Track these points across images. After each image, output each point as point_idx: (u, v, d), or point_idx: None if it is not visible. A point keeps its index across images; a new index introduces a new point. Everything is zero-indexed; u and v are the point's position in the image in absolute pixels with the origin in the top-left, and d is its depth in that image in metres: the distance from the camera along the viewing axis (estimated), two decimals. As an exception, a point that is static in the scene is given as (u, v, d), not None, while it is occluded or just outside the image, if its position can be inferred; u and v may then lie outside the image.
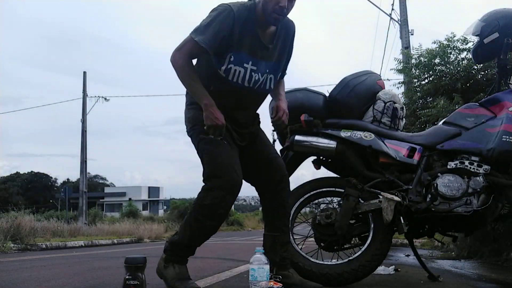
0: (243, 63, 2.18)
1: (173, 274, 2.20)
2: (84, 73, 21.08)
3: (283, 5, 2.11)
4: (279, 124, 2.32)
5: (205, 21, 2.13)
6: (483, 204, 2.41)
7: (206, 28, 2.10)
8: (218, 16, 2.11)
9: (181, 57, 2.13)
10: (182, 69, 2.14)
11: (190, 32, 2.14)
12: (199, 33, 2.10)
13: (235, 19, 2.11)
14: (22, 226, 8.63)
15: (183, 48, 2.14)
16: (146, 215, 30.31)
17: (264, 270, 1.83)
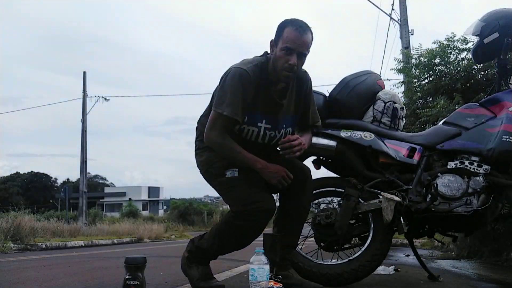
0: (257, 123, 2.19)
1: (197, 275, 2.27)
2: (84, 73, 21.11)
3: (293, 62, 2.09)
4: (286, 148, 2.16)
5: (226, 91, 2.09)
6: (483, 204, 2.41)
7: (231, 98, 2.07)
8: (238, 83, 2.09)
9: (217, 135, 2.12)
10: (223, 147, 2.13)
11: (214, 106, 2.11)
12: (226, 106, 2.08)
13: (252, 82, 2.11)
14: (22, 226, 8.63)
15: (215, 125, 2.12)
16: (146, 215, 30.31)
17: (264, 270, 1.83)
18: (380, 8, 13.21)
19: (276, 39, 2.12)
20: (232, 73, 2.11)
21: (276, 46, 2.11)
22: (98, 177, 53.67)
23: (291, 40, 2.06)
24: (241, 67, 2.11)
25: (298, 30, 2.07)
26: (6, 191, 41.30)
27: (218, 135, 2.11)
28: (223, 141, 2.11)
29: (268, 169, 2.11)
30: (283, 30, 2.09)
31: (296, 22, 2.11)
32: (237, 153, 2.11)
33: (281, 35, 2.09)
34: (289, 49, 2.07)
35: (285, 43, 2.07)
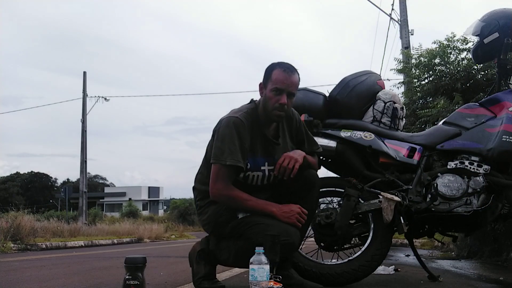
0: (260, 167, 2.21)
1: (202, 273, 2.27)
2: (84, 73, 21.12)
3: (283, 102, 2.14)
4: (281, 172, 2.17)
5: (223, 141, 2.10)
6: (483, 204, 2.41)
7: (230, 147, 2.09)
8: (233, 131, 2.11)
9: (223, 187, 2.11)
10: (231, 199, 2.13)
11: (214, 159, 2.11)
12: (227, 155, 2.08)
13: (247, 128, 2.14)
14: (22, 226, 8.63)
15: (219, 177, 2.11)
16: (146, 215, 30.35)
17: (264, 270, 1.83)
18: (380, 8, 13.23)
19: (265, 82, 2.18)
20: (225, 123, 2.14)
21: (266, 88, 2.17)
22: (98, 177, 53.69)
23: (280, 81, 2.13)
24: (233, 116, 2.16)
25: (286, 72, 2.15)
26: (6, 191, 41.29)
27: (224, 188, 2.11)
28: (230, 192, 2.11)
29: (283, 210, 2.11)
30: (271, 73, 2.16)
31: (283, 64, 2.18)
32: (247, 201, 2.12)
33: (270, 77, 2.15)
34: (278, 90, 2.13)
35: (275, 84, 2.13)
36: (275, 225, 2.08)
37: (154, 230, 15.06)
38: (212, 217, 2.22)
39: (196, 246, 2.37)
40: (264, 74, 2.20)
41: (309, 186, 2.27)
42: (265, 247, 1.88)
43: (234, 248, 2.20)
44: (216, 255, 2.28)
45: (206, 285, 2.25)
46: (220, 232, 2.24)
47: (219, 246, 2.26)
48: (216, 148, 2.13)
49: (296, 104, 2.68)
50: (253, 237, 2.06)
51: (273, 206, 2.12)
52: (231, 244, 2.21)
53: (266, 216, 2.13)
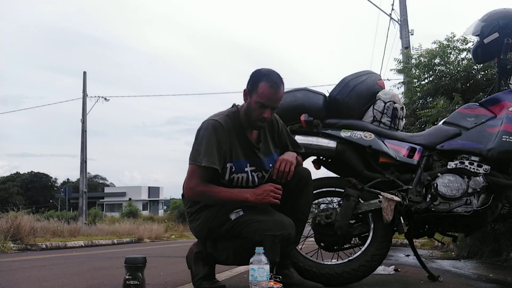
0: (243, 168, 2.23)
1: (201, 274, 2.27)
2: (84, 73, 21.12)
3: (267, 116, 2.17)
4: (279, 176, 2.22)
5: (201, 143, 2.13)
6: (483, 204, 2.42)
7: (207, 149, 2.11)
8: (212, 134, 2.13)
9: (196, 183, 2.12)
10: (205, 193, 2.14)
11: (191, 160, 2.14)
12: (203, 157, 2.10)
13: (225, 131, 2.16)
14: (22, 226, 8.63)
15: (194, 176, 2.13)
16: (146, 215, 30.34)
17: (264, 270, 1.83)
18: (380, 8, 13.21)
19: (250, 90, 2.17)
20: (205, 125, 2.17)
21: (250, 97, 2.17)
22: (98, 177, 53.69)
23: (265, 97, 2.13)
24: (213, 119, 2.18)
25: (272, 87, 2.13)
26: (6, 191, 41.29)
27: (197, 184, 2.12)
28: (203, 188, 2.12)
29: (256, 194, 2.11)
30: (258, 84, 2.14)
31: (271, 77, 2.15)
32: (220, 193, 2.13)
33: (256, 89, 2.14)
34: (263, 105, 2.14)
35: (260, 99, 2.13)
36: (269, 220, 2.11)
37: (154, 230, 15.05)
38: (205, 223, 2.22)
39: (193, 247, 2.37)
40: (249, 81, 2.19)
41: (304, 182, 2.32)
42: (265, 247, 1.89)
43: (232, 248, 2.20)
44: (214, 257, 2.28)
45: (206, 285, 2.25)
46: (214, 237, 2.24)
47: (216, 248, 2.26)
48: (194, 150, 2.16)
49: (296, 104, 2.70)
50: (249, 235, 2.09)
51: (246, 193, 2.13)
52: (228, 244, 2.21)
53: (258, 213, 2.14)
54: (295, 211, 2.27)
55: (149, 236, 14.03)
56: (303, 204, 2.32)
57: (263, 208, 2.19)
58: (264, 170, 2.28)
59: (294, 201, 2.29)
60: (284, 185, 2.24)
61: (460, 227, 2.69)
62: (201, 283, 2.25)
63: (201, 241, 2.33)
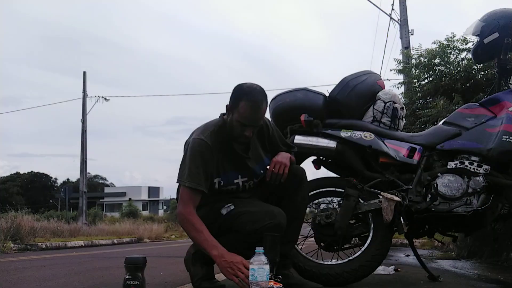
0: (233, 180, 2.23)
1: (200, 274, 2.27)
2: (84, 73, 21.11)
3: (248, 135, 2.15)
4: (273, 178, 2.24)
5: (186, 162, 2.12)
6: (483, 204, 2.41)
7: (192, 169, 2.10)
8: (197, 154, 2.11)
9: (183, 208, 2.10)
10: (187, 223, 2.10)
11: (178, 178, 2.14)
12: (187, 177, 2.09)
13: (212, 150, 2.14)
14: (22, 226, 8.63)
15: (181, 198, 2.12)
16: (146, 215, 30.32)
17: (264, 270, 1.83)
18: (380, 8, 13.22)
19: (232, 107, 2.14)
20: (191, 144, 2.15)
21: (232, 114, 2.14)
22: (98, 177, 53.68)
23: (246, 117, 2.10)
24: (199, 138, 2.15)
25: (253, 108, 2.10)
26: (6, 191, 41.29)
27: (184, 208, 2.11)
28: (188, 216, 2.09)
29: (223, 258, 2.02)
30: (239, 103, 2.11)
31: (251, 96, 2.10)
32: (198, 233, 2.07)
33: (237, 108, 2.11)
34: (244, 125, 2.13)
35: (241, 119, 2.11)
36: (258, 211, 2.14)
37: (154, 230, 15.06)
38: None
39: (190, 249, 2.36)
40: (231, 97, 2.16)
41: (298, 179, 2.32)
42: (265, 247, 1.89)
43: (226, 243, 2.19)
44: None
45: (205, 285, 2.24)
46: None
47: None
48: (180, 169, 2.15)
49: (296, 104, 2.70)
50: (241, 227, 2.12)
51: (216, 250, 2.03)
52: (222, 240, 2.19)
53: (248, 205, 2.17)
54: (291, 209, 2.28)
55: (149, 236, 14.03)
56: (298, 202, 2.33)
57: (253, 201, 2.21)
58: (255, 177, 2.29)
59: (289, 199, 2.30)
60: (279, 185, 2.26)
61: (460, 227, 2.69)
62: (201, 283, 2.25)
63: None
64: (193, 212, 2.10)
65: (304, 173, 2.38)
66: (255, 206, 2.19)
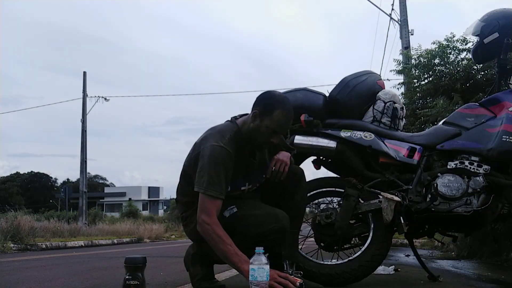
0: (240, 188, 2.22)
1: (200, 274, 2.27)
2: (84, 73, 21.09)
3: (275, 142, 2.16)
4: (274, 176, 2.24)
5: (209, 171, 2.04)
6: (483, 204, 2.41)
7: (217, 179, 2.04)
8: (220, 162, 2.06)
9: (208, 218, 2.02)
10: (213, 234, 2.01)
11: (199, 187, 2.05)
12: (213, 187, 2.03)
13: (232, 158, 2.11)
14: (22, 226, 8.63)
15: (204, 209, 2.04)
16: (146, 215, 30.32)
17: (264, 270, 1.83)
18: (380, 8, 13.22)
19: (263, 114, 2.11)
20: (211, 151, 2.07)
21: (261, 120, 2.11)
22: (98, 177, 53.71)
23: (280, 125, 2.12)
24: (219, 145, 2.08)
25: (287, 117, 2.12)
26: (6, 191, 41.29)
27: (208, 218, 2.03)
28: (214, 227, 2.02)
29: None
30: (274, 111, 2.10)
31: (286, 104, 2.13)
32: (227, 245, 1.99)
33: (271, 116, 2.10)
34: (276, 133, 2.13)
35: (274, 127, 2.10)
36: (263, 214, 2.13)
37: (154, 230, 15.07)
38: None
39: (189, 249, 2.36)
40: (262, 103, 2.14)
41: (298, 178, 2.33)
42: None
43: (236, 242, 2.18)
44: (211, 257, 2.25)
45: (205, 285, 2.24)
46: None
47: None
48: (199, 176, 2.07)
49: (296, 104, 2.69)
50: (245, 230, 2.10)
51: (248, 264, 1.90)
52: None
53: (252, 208, 2.15)
54: (290, 208, 2.28)
55: (149, 236, 14.04)
56: (298, 201, 2.33)
57: (255, 203, 2.21)
58: (257, 183, 2.29)
59: (289, 198, 2.31)
60: (278, 184, 2.26)
61: (460, 227, 2.69)
62: (201, 283, 2.25)
63: (195, 242, 2.32)
64: (218, 222, 2.03)
65: (303, 173, 2.39)
66: (258, 208, 2.17)
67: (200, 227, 2.05)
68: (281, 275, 1.95)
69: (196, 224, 2.12)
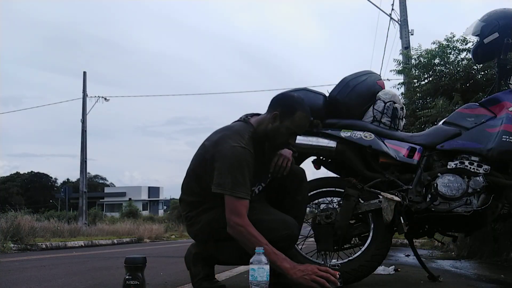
0: (252, 188, 2.17)
1: (201, 274, 2.26)
2: (84, 73, 21.10)
3: (293, 143, 2.19)
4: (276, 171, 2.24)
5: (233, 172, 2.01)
6: (483, 204, 2.41)
7: (243, 179, 2.02)
8: (245, 164, 2.04)
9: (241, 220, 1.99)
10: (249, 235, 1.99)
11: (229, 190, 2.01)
12: (240, 189, 2.01)
13: (253, 158, 2.10)
14: (22, 226, 8.63)
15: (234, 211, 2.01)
16: (146, 215, 30.33)
17: (264, 270, 1.83)
18: (380, 8, 13.22)
19: (284, 116, 2.12)
20: (233, 152, 2.04)
21: (281, 121, 2.13)
22: (98, 177, 53.72)
23: (300, 126, 2.16)
24: (241, 145, 2.06)
25: (307, 118, 2.16)
26: (6, 191, 41.30)
27: (240, 220, 2.01)
28: (248, 228, 2.00)
29: (297, 269, 1.97)
30: (295, 113, 2.13)
31: (306, 107, 2.18)
32: (264, 245, 1.94)
33: (293, 117, 2.12)
34: (295, 134, 2.17)
35: (294, 127, 2.14)
36: (273, 220, 2.12)
37: (154, 230, 15.07)
38: (207, 225, 2.18)
39: (191, 248, 2.35)
40: (281, 104, 2.15)
41: (299, 178, 2.35)
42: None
43: (236, 248, 2.16)
44: (216, 257, 2.27)
45: (206, 285, 2.24)
46: (217, 238, 2.20)
47: (219, 248, 2.23)
48: (222, 178, 2.03)
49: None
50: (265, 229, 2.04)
51: (288, 262, 1.97)
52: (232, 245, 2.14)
53: (262, 213, 2.13)
54: (292, 208, 2.28)
55: (149, 236, 14.04)
56: (299, 201, 2.34)
57: (264, 207, 2.20)
58: (264, 183, 2.29)
59: (290, 198, 2.31)
60: (280, 184, 2.27)
61: (460, 227, 2.69)
62: (201, 283, 2.25)
63: (200, 242, 2.31)
64: (250, 223, 2.01)
65: (304, 173, 2.40)
66: (268, 214, 2.15)
67: (233, 230, 2.01)
68: (321, 269, 1.95)
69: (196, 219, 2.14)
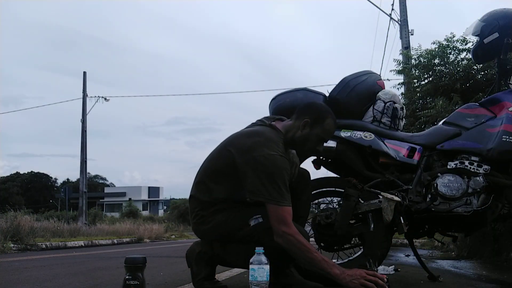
0: None
1: (203, 274, 2.27)
2: (84, 73, 21.10)
3: (320, 149, 2.23)
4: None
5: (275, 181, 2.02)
6: (483, 204, 2.42)
7: (285, 188, 2.04)
8: (285, 172, 2.05)
9: (289, 229, 2.00)
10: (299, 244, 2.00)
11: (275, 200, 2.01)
12: (284, 197, 2.03)
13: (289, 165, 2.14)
14: (22, 226, 8.62)
15: (281, 220, 2.00)
16: (146, 215, 30.34)
17: (264, 270, 1.83)
18: (380, 8, 13.22)
19: (314, 123, 2.16)
20: (274, 161, 2.04)
21: (311, 129, 2.16)
22: (98, 177, 53.77)
23: (329, 133, 2.21)
24: (279, 154, 2.07)
25: (335, 125, 2.23)
26: (6, 191, 41.31)
27: (289, 228, 2.01)
28: (297, 237, 2.01)
29: (346, 273, 1.98)
30: (325, 120, 2.18)
31: (333, 114, 2.22)
32: (314, 253, 1.99)
33: (323, 125, 2.17)
34: (324, 140, 2.21)
35: (324, 134, 2.18)
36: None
37: (154, 230, 15.05)
38: (218, 226, 2.17)
39: (194, 246, 2.34)
40: (312, 112, 2.18)
41: (306, 181, 2.38)
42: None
43: (245, 251, 2.10)
44: (223, 258, 2.25)
45: (207, 285, 2.24)
46: (227, 239, 2.20)
47: (227, 250, 2.22)
48: (264, 186, 2.02)
49: (296, 104, 2.69)
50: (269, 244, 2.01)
51: (337, 268, 1.99)
52: (242, 248, 2.15)
53: None
54: (297, 208, 2.27)
55: (149, 236, 14.04)
56: (304, 202, 2.36)
57: None
58: None
59: (296, 199, 2.30)
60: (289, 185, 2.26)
61: (460, 227, 2.69)
62: (203, 283, 2.25)
63: (206, 242, 2.30)
64: (297, 231, 2.03)
65: (309, 174, 2.43)
66: None
67: (282, 239, 2.01)
68: (369, 273, 1.96)
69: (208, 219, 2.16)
